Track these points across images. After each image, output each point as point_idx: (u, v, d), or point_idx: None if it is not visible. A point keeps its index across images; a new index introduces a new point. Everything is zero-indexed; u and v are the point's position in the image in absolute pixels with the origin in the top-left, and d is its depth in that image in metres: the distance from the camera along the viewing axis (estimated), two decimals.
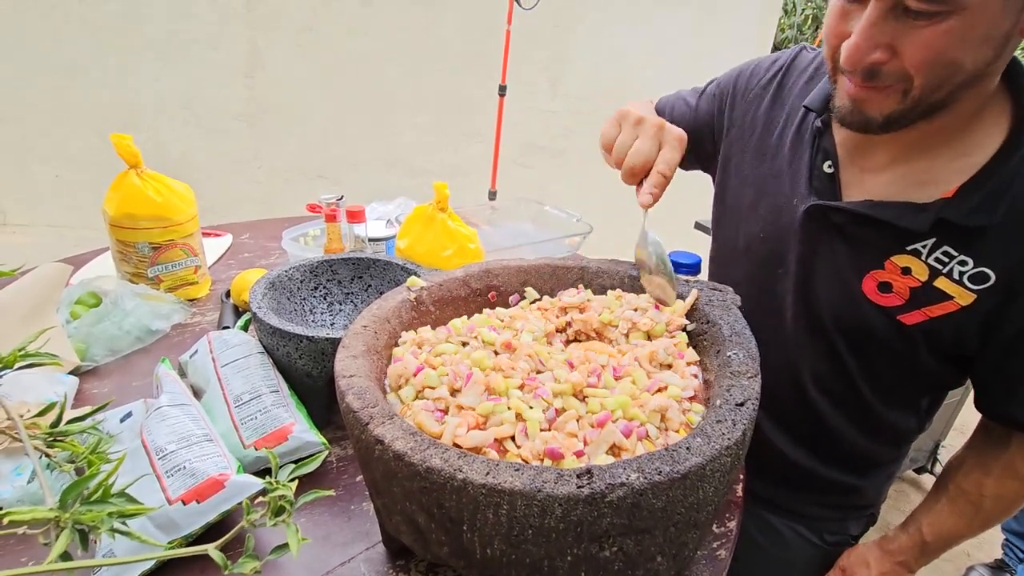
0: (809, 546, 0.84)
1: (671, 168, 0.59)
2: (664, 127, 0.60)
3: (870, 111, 0.56)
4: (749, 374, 0.45)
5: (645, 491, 0.33)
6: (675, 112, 0.89)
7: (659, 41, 2.85)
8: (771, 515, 0.85)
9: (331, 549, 0.54)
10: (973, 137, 0.59)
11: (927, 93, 0.53)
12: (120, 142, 0.88)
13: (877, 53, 0.52)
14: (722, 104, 0.83)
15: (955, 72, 0.51)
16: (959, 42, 0.49)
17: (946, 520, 0.72)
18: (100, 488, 0.25)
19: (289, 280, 0.75)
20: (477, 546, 0.36)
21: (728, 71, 0.85)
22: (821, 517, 0.83)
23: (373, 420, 0.38)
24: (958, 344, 0.63)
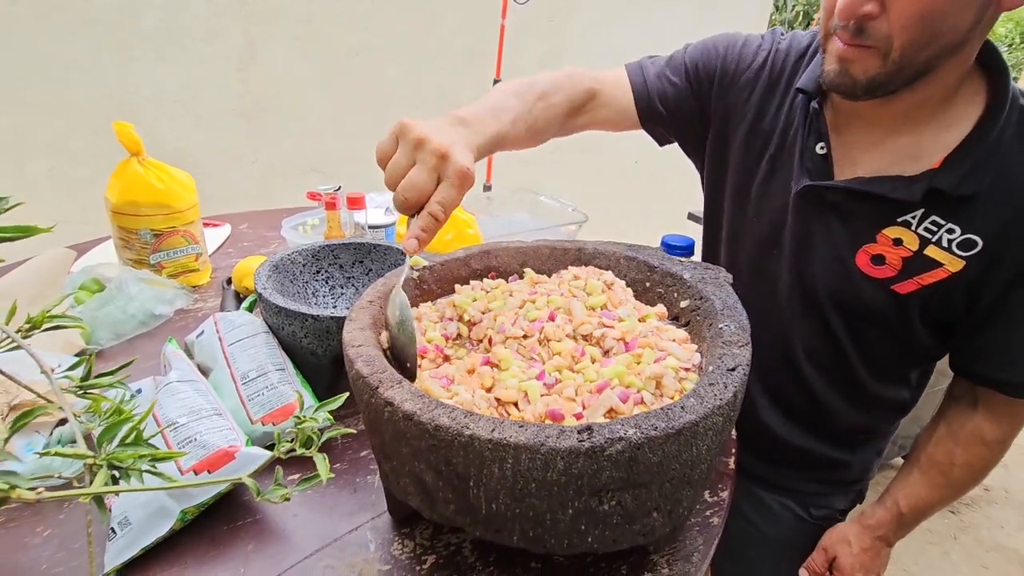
0: (798, 521, 0.86)
1: (446, 211, 0.49)
2: (448, 158, 0.49)
3: (855, 72, 0.58)
4: (740, 343, 0.47)
5: (642, 445, 0.35)
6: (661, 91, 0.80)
7: (655, 35, 2.87)
8: (762, 491, 0.88)
9: (338, 519, 0.56)
10: (953, 111, 0.62)
11: (907, 56, 0.55)
12: (122, 129, 0.89)
13: (869, 5, 0.54)
14: (709, 83, 0.79)
15: (936, 34, 0.53)
16: (942, 2, 0.51)
17: (920, 491, 0.74)
18: (133, 432, 0.27)
19: (292, 264, 0.77)
20: (483, 502, 0.38)
21: (704, 45, 0.80)
22: (810, 492, 0.86)
23: (383, 384, 0.40)
24: (947, 310, 0.65)
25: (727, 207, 0.82)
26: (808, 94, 0.70)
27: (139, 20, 1.86)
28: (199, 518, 0.53)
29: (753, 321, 0.70)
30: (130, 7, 1.83)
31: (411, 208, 0.50)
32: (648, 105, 0.81)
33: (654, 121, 0.82)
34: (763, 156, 0.75)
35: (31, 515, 0.55)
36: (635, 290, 0.63)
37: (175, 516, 0.51)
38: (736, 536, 0.91)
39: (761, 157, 0.76)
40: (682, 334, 0.53)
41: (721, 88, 0.79)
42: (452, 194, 0.49)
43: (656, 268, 0.63)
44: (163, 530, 0.50)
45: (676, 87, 0.80)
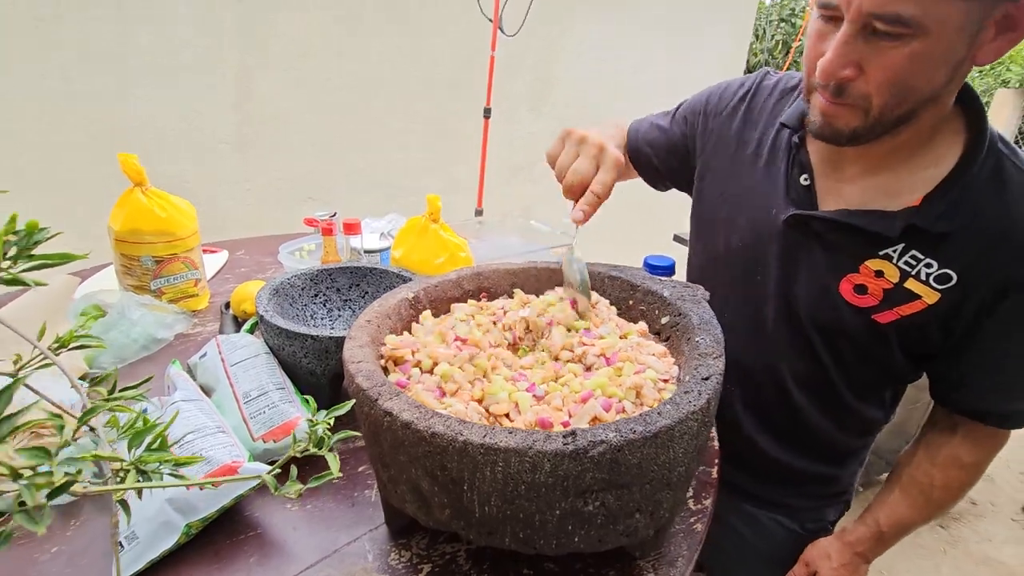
0: (791, 535, 0.89)
1: (605, 188, 0.62)
2: (604, 149, 0.62)
3: (839, 125, 0.63)
4: (714, 355, 0.50)
5: (622, 447, 0.38)
6: (648, 136, 0.93)
7: (638, 65, 2.98)
8: (755, 508, 0.90)
9: (337, 531, 0.58)
10: (933, 152, 0.65)
11: (885, 112, 0.59)
12: (126, 160, 0.93)
13: (847, 70, 0.58)
14: (694, 125, 0.88)
15: (911, 92, 0.57)
16: (918, 64, 0.55)
17: (900, 510, 0.77)
18: (158, 439, 0.30)
19: (291, 287, 0.80)
20: (476, 505, 0.41)
21: (697, 94, 0.91)
22: (801, 507, 0.88)
23: (382, 396, 0.43)
24: (924, 339, 0.69)
25: (714, 233, 0.86)
26: (791, 128, 0.74)
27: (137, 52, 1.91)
28: (203, 532, 0.55)
29: (741, 344, 0.75)
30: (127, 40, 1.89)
31: (575, 192, 0.63)
32: (636, 147, 0.93)
33: (641, 161, 0.94)
34: (748, 186, 0.79)
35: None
36: (618, 308, 0.67)
37: (180, 530, 0.53)
38: (729, 552, 0.93)
39: (746, 186, 0.80)
40: (661, 348, 0.57)
41: (705, 125, 0.86)
42: (609, 176, 0.62)
43: (638, 287, 0.67)
44: (169, 544, 0.52)
45: (664, 129, 0.91)
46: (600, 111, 2.92)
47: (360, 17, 2.28)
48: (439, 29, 2.43)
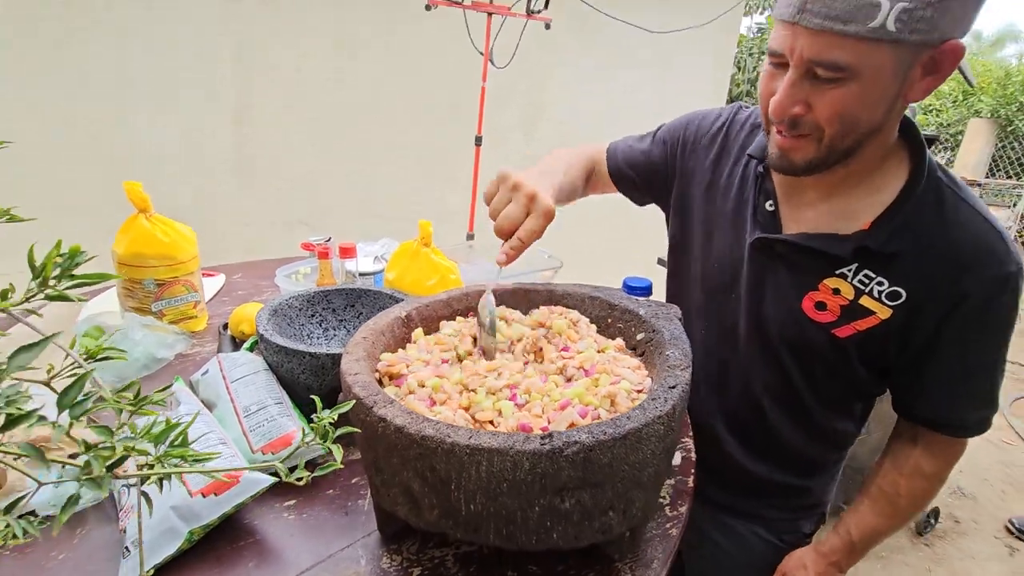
0: (768, 546, 0.92)
1: (531, 236, 0.65)
2: (535, 198, 0.65)
3: (795, 157, 0.69)
4: (682, 367, 0.55)
5: (594, 447, 0.43)
6: (629, 158, 0.98)
7: (624, 94, 3.09)
8: (733, 519, 0.93)
9: (332, 537, 0.61)
10: (881, 180, 0.72)
11: (836, 141, 0.66)
12: (132, 188, 0.98)
13: (796, 108, 0.64)
14: (673, 149, 0.94)
15: (855, 125, 0.64)
16: (857, 101, 0.62)
17: (870, 519, 0.81)
18: (180, 437, 0.33)
19: (289, 308, 0.84)
20: (463, 503, 0.45)
21: (677, 119, 0.97)
22: (777, 519, 0.92)
23: (376, 404, 0.47)
24: (881, 353, 0.74)
25: (691, 256, 0.91)
26: (757, 159, 0.81)
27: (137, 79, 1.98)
28: (205, 538, 0.58)
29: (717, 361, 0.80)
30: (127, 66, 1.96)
31: (506, 234, 0.66)
32: (617, 169, 0.99)
33: (624, 182, 1.00)
34: (722, 211, 0.86)
35: (45, 540, 0.59)
36: (598, 325, 0.71)
37: (183, 536, 0.56)
38: (710, 562, 0.97)
39: (720, 212, 0.86)
40: (635, 362, 0.62)
41: (684, 152, 0.92)
42: (538, 224, 0.66)
43: (616, 306, 0.72)
44: (172, 549, 0.55)
45: (645, 152, 0.97)
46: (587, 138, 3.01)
47: (355, 48, 2.37)
48: (432, 60, 2.53)
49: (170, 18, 1.99)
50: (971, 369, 0.71)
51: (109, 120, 1.97)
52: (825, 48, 0.58)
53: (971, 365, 0.71)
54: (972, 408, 0.73)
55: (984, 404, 0.73)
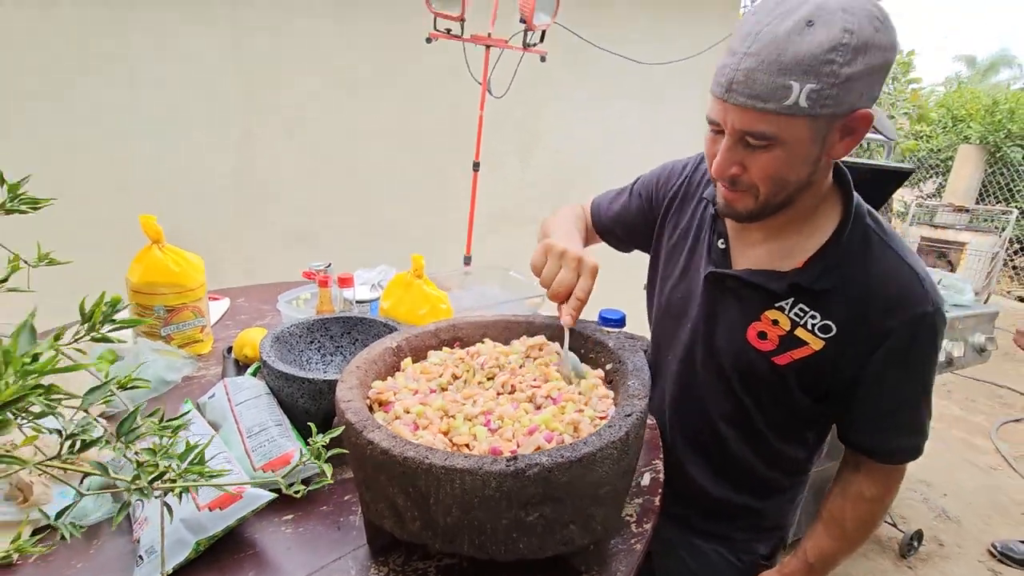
0: (729, 566, 0.97)
1: (587, 294, 0.74)
2: (582, 261, 0.74)
3: (737, 207, 0.77)
4: (639, 396, 0.62)
5: (553, 468, 0.49)
6: (611, 213, 1.09)
7: (617, 123, 3.20)
8: (697, 539, 0.99)
9: (324, 551, 0.67)
10: (816, 224, 0.80)
11: (770, 197, 0.74)
12: (147, 221, 1.05)
13: (734, 168, 0.73)
14: (649, 199, 1.04)
15: (785, 183, 0.72)
16: (783, 164, 0.70)
17: (823, 543, 0.87)
18: (199, 456, 0.40)
19: (290, 336, 0.91)
20: (440, 516, 0.51)
21: (651, 172, 1.07)
22: (736, 539, 0.98)
23: (366, 429, 0.54)
24: (817, 381, 0.81)
25: (661, 288, 0.99)
26: (711, 202, 0.89)
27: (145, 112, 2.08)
28: (209, 549, 0.64)
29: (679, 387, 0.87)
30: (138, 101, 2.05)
31: (562, 298, 0.75)
32: (602, 224, 1.10)
33: (609, 236, 1.11)
34: (683, 248, 0.95)
35: (65, 550, 0.65)
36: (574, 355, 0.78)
37: (191, 546, 0.62)
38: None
39: (682, 249, 0.95)
40: (602, 390, 0.68)
41: (656, 199, 1.03)
42: (589, 283, 0.74)
43: (589, 338, 0.78)
44: (181, 558, 0.61)
45: (625, 206, 1.07)
46: (581, 164, 3.12)
47: (357, 78, 2.48)
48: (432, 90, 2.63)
49: (180, 56, 2.10)
50: (896, 402, 0.78)
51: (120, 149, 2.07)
52: (751, 121, 0.67)
53: (896, 398, 0.78)
54: (900, 437, 0.79)
55: (912, 433, 0.79)
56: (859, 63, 0.63)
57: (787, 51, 0.63)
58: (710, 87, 0.72)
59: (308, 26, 2.33)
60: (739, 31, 0.68)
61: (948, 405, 3.58)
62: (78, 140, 1.99)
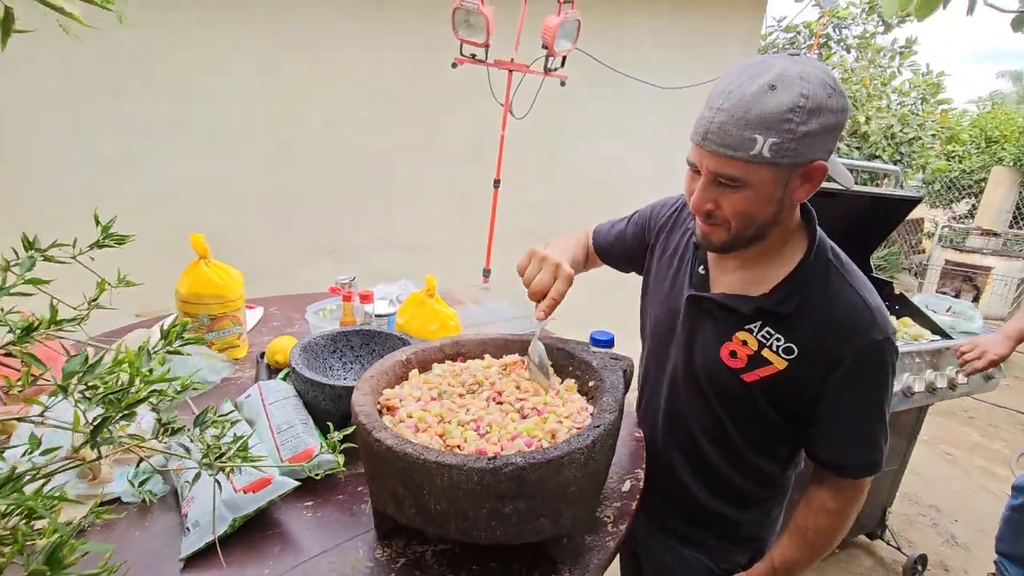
0: (708, 571, 1.05)
1: (560, 295, 0.86)
2: (559, 266, 0.86)
3: (712, 239, 0.87)
4: (610, 411, 0.71)
5: (526, 467, 0.59)
6: (609, 239, 1.19)
7: (633, 144, 3.29)
8: (681, 546, 1.07)
9: (338, 532, 0.78)
10: (783, 256, 0.89)
11: (741, 231, 0.83)
12: (196, 239, 1.19)
13: (708, 205, 0.82)
14: (643, 230, 1.14)
15: (753, 219, 0.82)
16: (751, 203, 0.79)
17: (788, 551, 0.94)
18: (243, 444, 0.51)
19: (316, 345, 1.03)
20: (432, 504, 0.62)
21: (646, 207, 1.17)
22: (714, 547, 1.05)
23: (375, 429, 0.65)
24: (782, 399, 0.89)
25: (650, 309, 1.09)
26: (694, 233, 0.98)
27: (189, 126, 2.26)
28: (243, 527, 0.76)
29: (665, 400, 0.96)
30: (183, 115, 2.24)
31: (539, 296, 0.86)
32: (602, 248, 1.20)
33: (609, 258, 1.22)
34: (669, 273, 1.04)
35: (125, 522, 0.78)
36: (560, 371, 0.88)
37: (228, 522, 0.74)
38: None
39: (668, 273, 1.04)
40: (582, 403, 0.78)
41: (649, 227, 1.13)
42: (563, 287, 0.86)
43: (576, 357, 0.89)
44: (220, 531, 0.73)
45: (623, 232, 1.18)
46: (598, 183, 3.21)
47: (385, 99, 2.63)
48: (456, 110, 2.77)
49: (220, 71, 2.28)
50: (851, 421, 0.86)
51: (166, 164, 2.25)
52: (722, 166, 0.77)
53: (851, 417, 0.85)
54: (856, 453, 0.87)
55: (868, 450, 0.87)
56: (813, 123, 0.73)
57: (752, 110, 0.73)
58: (690, 134, 0.82)
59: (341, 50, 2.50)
60: (716, 89, 0.78)
61: (969, 432, 3.53)
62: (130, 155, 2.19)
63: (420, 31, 2.60)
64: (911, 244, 6.65)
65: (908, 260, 6.52)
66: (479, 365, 0.86)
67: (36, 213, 2.06)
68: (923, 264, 5.48)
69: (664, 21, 3.19)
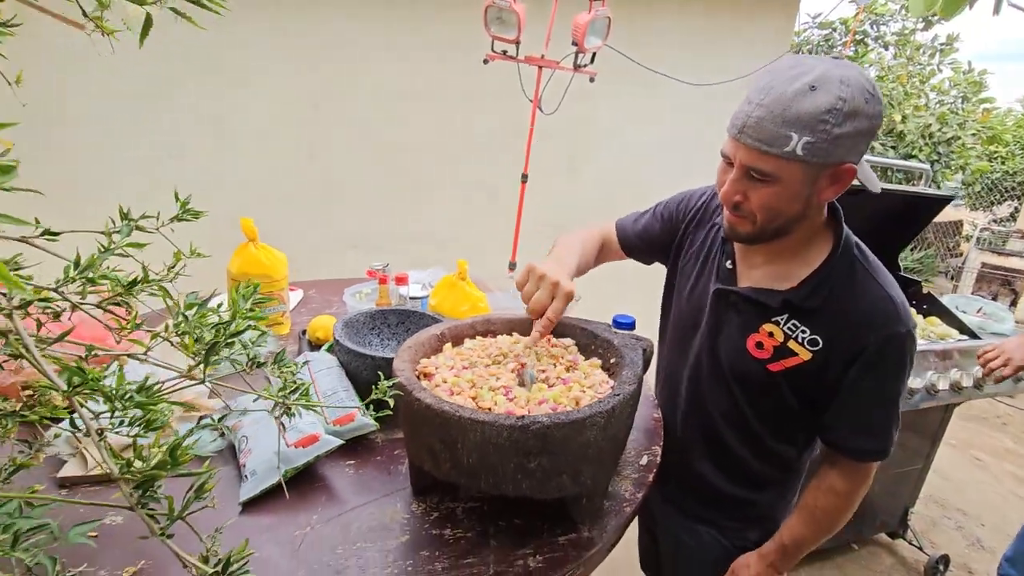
0: (721, 548, 1.10)
1: (557, 315, 0.88)
2: (558, 285, 0.88)
3: (739, 230, 0.90)
4: (630, 383, 0.77)
5: (551, 426, 0.66)
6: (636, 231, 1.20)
7: (660, 139, 3.30)
8: (697, 524, 1.12)
9: (375, 489, 0.86)
10: (810, 252, 0.92)
11: (766, 224, 0.86)
12: (246, 223, 1.29)
13: (737, 196, 0.86)
14: (670, 221, 1.16)
15: (779, 214, 0.85)
16: (778, 198, 0.83)
17: (796, 528, 0.98)
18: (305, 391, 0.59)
19: (356, 322, 1.11)
20: (464, 458, 0.69)
21: (673, 196, 1.19)
22: (729, 527, 1.10)
23: (415, 390, 0.72)
24: (805, 387, 0.92)
25: (674, 298, 1.13)
26: (722, 227, 1.02)
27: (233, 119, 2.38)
28: (293, 478, 0.84)
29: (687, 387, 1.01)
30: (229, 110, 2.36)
31: (537, 315, 0.89)
32: (627, 240, 1.22)
33: (634, 251, 1.23)
34: (695, 266, 1.07)
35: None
36: (584, 350, 0.94)
37: (281, 473, 0.82)
38: (679, 559, 1.16)
39: (695, 266, 1.08)
40: (604, 377, 0.84)
41: (676, 220, 1.15)
42: (561, 306, 0.89)
43: (598, 336, 0.94)
44: (274, 480, 0.81)
45: (647, 226, 1.19)
46: (625, 179, 3.24)
47: (418, 95, 2.72)
48: (485, 105, 2.84)
49: (262, 70, 2.40)
50: (866, 407, 0.89)
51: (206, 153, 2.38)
52: (755, 159, 0.80)
53: (866, 403, 0.89)
54: (868, 438, 0.90)
55: (880, 436, 0.90)
56: (848, 126, 0.75)
57: (791, 108, 0.75)
58: (726, 127, 0.85)
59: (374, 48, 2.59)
60: (756, 83, 0.81)
61: (1001, 438, 3.46)
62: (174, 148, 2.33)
63: (450, 28, 2.67)
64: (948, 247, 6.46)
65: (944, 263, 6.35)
66: (508, 341, 0.93)
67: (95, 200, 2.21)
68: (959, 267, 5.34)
69: (695, 18, 3.19)
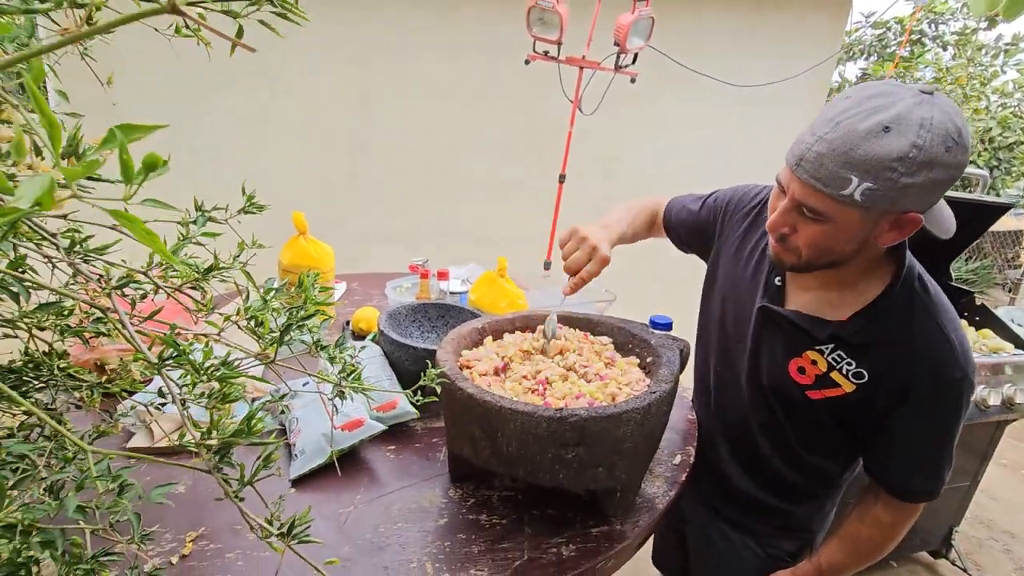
0: (753, 555, 1.08)
1: (591, 276, 0.93)
2: (597, 248, 0.93)
3: (783, 260, 0.86)
4: (666, 381, 0.78)
5: (588, 419, 0.68)
6: (680, 216, 1.17)
7: (701, 142, 3.26)
8: (730, 530, 1.11)
9: (415, 473, 0.90)
10: (864, 285, 0.86)
11: (811, 261, 0.82)
12: (297, 216, 1.35)
13: (785, 228, 0.82)
14: (718, 214, 1.12)
15: (828, 253, 0.79)
16: (829, 238, 0.77)
17: (835, 555, 0.96)
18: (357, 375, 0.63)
19: (399, 315, 1.15)
20: (504, 447, 0.71)
21: (726, 190, 1.14)
22: (763, 533, 1.08)
23: (457, 379, 0.75)
24: (846, 417, 0.89)
25: (714, 303, 1.10)
26: None
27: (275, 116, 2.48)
28: (340, 459, 0.89)
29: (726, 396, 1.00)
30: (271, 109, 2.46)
31: (572, 272, 0.94)
32: (670, 222, 1.19)
33: (673, 233, 1.20)
34: (743, 275, 1.03)
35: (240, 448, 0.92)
36: (621, 349, 0.96)
37: (327, 454, 0.86)
38: (711, 562, 1.15)
39: (741, 275, 1.03)
40: (640, 375, 0.85)
41: (724, 219, 1.11)
42: (596, 268, 0.93)
43: (635, 336, 0.96)
44: (322, 459, 0.86)
45: (693, 212, 1.16)
46: (663, 182, 3.21)
47: (460, 95, 2.76)
48: (526, 106, 2.87)
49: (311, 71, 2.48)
50: (918, 448, 0.85)
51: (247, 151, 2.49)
52: (809, 196, 0.74)
53: (918, 445, 0.85)
54: (917, 478, 0.86)
55: (930, 477, 0.86)
56: (920, 176, 0.67)
57: (857, 149, 0.68)
58: (785, 154, 0.78)
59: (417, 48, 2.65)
60: (825, 113, 0.73)
61: None
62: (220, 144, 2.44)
63: (493, 29, 2.71)
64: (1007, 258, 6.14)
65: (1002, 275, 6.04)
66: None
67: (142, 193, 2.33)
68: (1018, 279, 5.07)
69: (741, 17, 3.14)
